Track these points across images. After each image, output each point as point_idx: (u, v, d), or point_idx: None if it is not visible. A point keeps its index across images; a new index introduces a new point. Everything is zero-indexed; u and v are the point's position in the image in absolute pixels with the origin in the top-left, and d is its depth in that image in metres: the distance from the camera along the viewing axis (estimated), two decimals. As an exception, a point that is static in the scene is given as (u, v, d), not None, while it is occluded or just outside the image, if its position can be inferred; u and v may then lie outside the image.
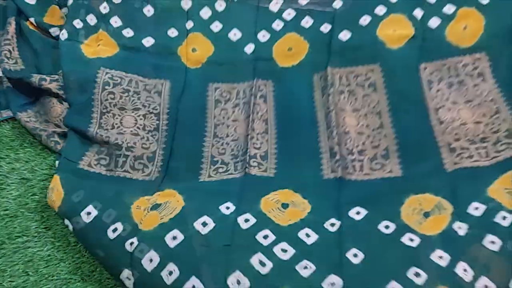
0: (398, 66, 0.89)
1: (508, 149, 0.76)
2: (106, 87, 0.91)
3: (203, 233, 0.68)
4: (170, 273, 0.65)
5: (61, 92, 0.92)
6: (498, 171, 0.73)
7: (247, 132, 0.86)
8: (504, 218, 0.66)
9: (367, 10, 0.94)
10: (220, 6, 1.01)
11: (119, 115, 0.89)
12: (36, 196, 0.84)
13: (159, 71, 0.96)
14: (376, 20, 0.93)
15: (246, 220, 0.70)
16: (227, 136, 0.87)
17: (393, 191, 0.74)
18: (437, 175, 0.76)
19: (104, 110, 0.89)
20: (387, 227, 0.68)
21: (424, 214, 0.70)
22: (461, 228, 0.67)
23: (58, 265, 0.75)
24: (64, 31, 0.98)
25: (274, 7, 1.00)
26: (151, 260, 0.66)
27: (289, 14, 0.98)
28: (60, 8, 1.11)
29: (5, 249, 0.77)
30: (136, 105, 0.91)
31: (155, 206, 0.74)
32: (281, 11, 0.99)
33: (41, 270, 0.75)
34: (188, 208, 0.72)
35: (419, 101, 0.86)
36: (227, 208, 0.72)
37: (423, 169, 0.77)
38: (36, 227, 0.80)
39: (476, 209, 0.69)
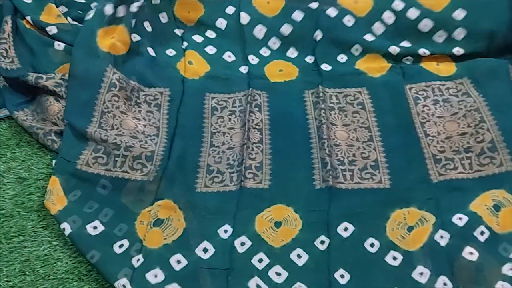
0: (384, 89, 0.96)
1: (491, 164, 0.80)
2: (112, 88, 0.91)
3: (204, 258, 0.73)
4: None
5: (58, 90, 0.93)
6: (480, 188, 0.78)
7: (243, 141, 0.88)
8: (482, 233, 0.71)
9: (343, 49, 1.01)
10: (211, 34, 1.07)
11: (119, 117, 0.90)
12: (33, 196, 0.85)
13: (159, 79, 0.98)
14: (353, 59, 1.01)
15: (242, 244, 0.74)
16: (223, 144, 0.90)
17: (380, 204, 0.78)
18: (423, 186, 0.80)
19: (106, 110, 0.90)
20: (372, 245, 0.73)
21: (408, 229, 0.74)
22: (443, 238, 0.71)
23: (55, 264, 0.76)
24: (93, 11, 0.97)
25: (258, 33, 1.05)
26: (156, 276, 0.71)
27: (274, 43, 1.05)
28: (57, 6, 1.11)
29: (2, 249, 0.77)
30: (137, 116, 0.93)
31: (157, 222, 0.77)
32: (266, 38, 1.05)
33: (37, 269, 0.75)
34: (189, 231, 0.76)
35: (406, 116, 0.91)
36: (225, 231, 0.76)
37: (410, 180, 0.81)
38: (32, 227, 0.81)
39: (460, 219, 0.73)
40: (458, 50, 0.99)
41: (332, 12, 1.03)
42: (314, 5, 1.04)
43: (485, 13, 0.98)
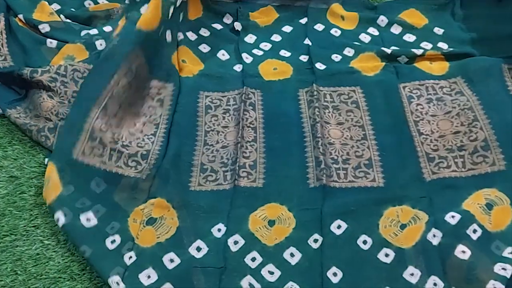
0: (378, 88, 0.96)
1: (484, 163, 0.81)
2: (129, 74, 0.89)
3: (197, 257, 0.73)
4: None
5: (52, 85, 0.92)
6: (473, 186, 0.78)
7: (237, 139, 0.88)
8: (474, 231, 0.71)
9: (337, 51, 1.04)
10: (205, 33, 1.08)
11: (123, 110, 0.89)
12: (25, 194, 0.84)
13: (160, 70, 0.97)
14: (347, 59, 1.02)
15: (236, 242, 0.74)
16: (217, 143, 0.89)
17: (374, 202, 0.78)
18: (417, 184, 0.80)
19: (116, 94, 0.87)
20: (365, 242, 0.74)
21: (401, 226, 0.75)
22: (435, 236, 0.72)
23: (47, 264, 0.76)
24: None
25: (249, 39, 1.08)
26: (149, 276, 0.71)
27: (265, 45, 1.07)
28: (50, 4, 1.11)
29: (-7, 248, 0.77)
30: (139, 110, 0.92)
31: (151, 221, 0.77)
32: (256, 43, 1.07)
33: (29, 269, 0.75)
34: (183, 230, 0.76)
35: (399, 114, 0.91)
36: (219, 230, 0.76)
37: (403, 179, 0.82)
38: (24, 226, 0.80)
39: (453, 217, 0.74)
40: (448, 49, 1.01)
41: (319, 27, 1.10)
42: (303, 21, 1.11)
43: (460, 29, 1.06)
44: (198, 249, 0.74)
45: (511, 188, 0.76)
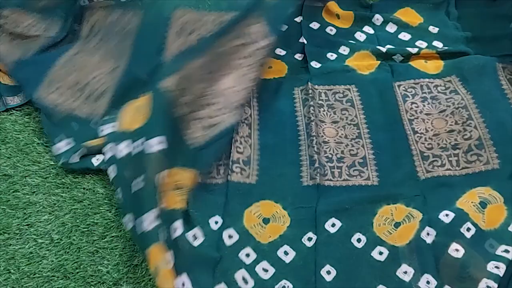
0: (373, 86, 0.96)
1: (478, 161, 0.81)
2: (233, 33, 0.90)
3: (194, 245, 0.73)
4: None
5: None
6: (467, 185, 0.78)
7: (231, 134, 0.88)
8: (468, 229, 0.71)
9: (332, 49, 1.04)
10: None
11: (224, 70, 0.89)
12: (18, 193, 0.84)
13: None
14: (342, 57, 1.02)
15: (230, 237, 0.75)
16: None
17: (368, 201, 0.78)
18: (411, 182, 0.81)
19: (225, 51, 0.88)
20: (359, 240, 0.74)
21: (395, 225, 0.75)
22: (429, 235, 0.72)
23: (40, 262, 0.76)
24: None
25: None
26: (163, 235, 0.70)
27: None
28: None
29: (-14, 247, 0.77)
30: (231, 76, 0.90)
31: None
32: None
33: (23, 267, 0.75)
34: (185, 212, 0.76)
35: (394, 113, 0.91)
36: (216, 222, 0.77)
37: (398, 177, 0.82)
38: (17, 224, 0.80)
39: (447, 215, 0.74)
40: (443, 47, 1.01)
41: (314, 25, 1.09)
42: (298, 19, 1.10)
43: (455, 28, 1.06)
44: (194, 237, 0.74)
45: (505, 187, 0.77)
